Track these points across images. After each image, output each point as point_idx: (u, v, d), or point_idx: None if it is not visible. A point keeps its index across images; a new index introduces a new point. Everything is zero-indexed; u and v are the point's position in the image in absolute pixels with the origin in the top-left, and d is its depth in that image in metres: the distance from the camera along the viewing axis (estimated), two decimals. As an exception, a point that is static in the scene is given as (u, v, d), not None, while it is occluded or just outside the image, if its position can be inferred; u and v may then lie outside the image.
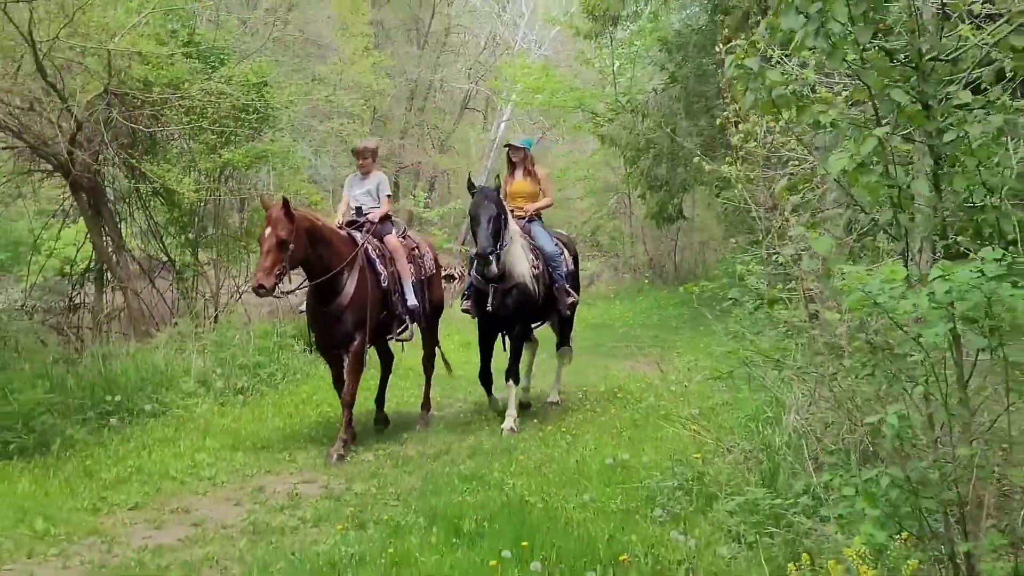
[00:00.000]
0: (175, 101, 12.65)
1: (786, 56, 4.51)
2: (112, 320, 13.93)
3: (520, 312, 9.82)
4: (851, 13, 3.93)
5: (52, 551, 6.23)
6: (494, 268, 9.37)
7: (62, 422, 9.07)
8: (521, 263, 9.63)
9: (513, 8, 46.10)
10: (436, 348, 10.93)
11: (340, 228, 9.48)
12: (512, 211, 10.10)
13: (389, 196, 10.08)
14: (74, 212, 14.38)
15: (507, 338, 10.18)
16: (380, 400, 10.45)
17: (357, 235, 9.41)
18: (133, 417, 10.05)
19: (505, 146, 11.29)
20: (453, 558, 5.81)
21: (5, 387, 9.34)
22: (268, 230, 8.22)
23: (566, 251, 10.73)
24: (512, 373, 9.95)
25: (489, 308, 9.63)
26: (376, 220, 9.71)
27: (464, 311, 10.40)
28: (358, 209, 9.88)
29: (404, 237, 10.10)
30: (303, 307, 9.72)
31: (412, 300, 9.58)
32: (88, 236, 13.68)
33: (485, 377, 10.16)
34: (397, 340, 10.14)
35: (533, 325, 10.74)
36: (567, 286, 10.31)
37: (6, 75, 12.17)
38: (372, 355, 10.78)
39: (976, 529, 3.93)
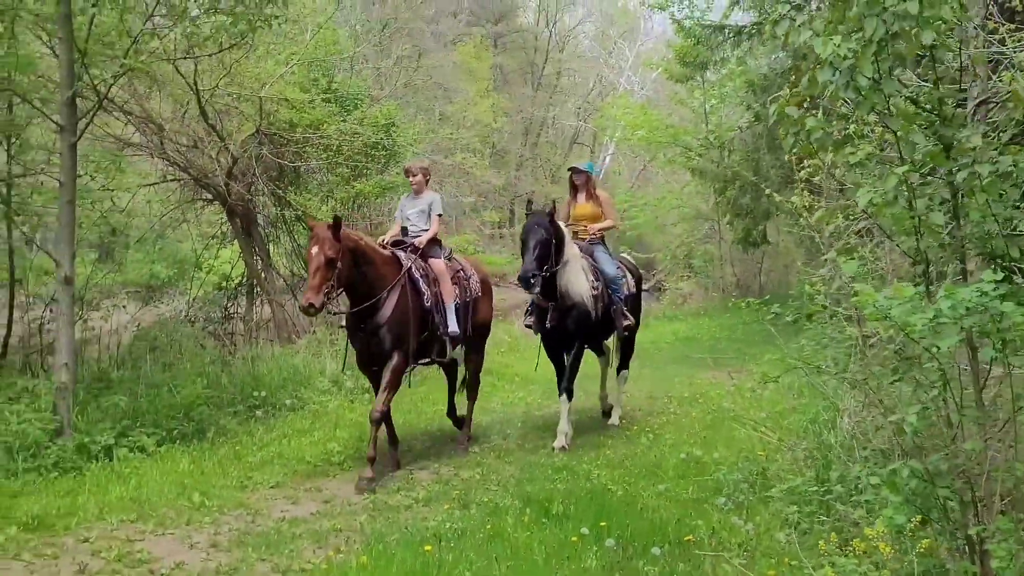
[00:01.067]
0: (315, 140, 13.17)
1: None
2: (260, 328, 14.37)
3: (578, 331, 9.18)
4: (879, 69, 4.14)
5: (206, 520, 6.62)
6: (536, 289, 8.76)
7: (217, 413, 9.45)
8: (580, 284, 9.06)
9: (618, 53, 46.33)
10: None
11: (385, 247, 8.70)
12: (576, 233, 9.76)
13: (441, 216, 9.12)
14: (230, 235, 14.89)
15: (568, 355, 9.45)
16: (451, 410, 9.68)
17: (402, 255, 8.63)
18: (275, 410, 10.36)
19: (569, 169, 10.63)
20: (541, 535, 6.06)
21: (171, 383, 9.75)
22: (315, 249, 7.59)
23: (629, 276, 10.16)
24: (566, 389, 9.27)
25: (548, 326, 9.11)
26: (423, 245, 8.80)
27: (527, 327, 9.81)
28: (404, 229, 9.07)
29: (450, 259, 9.20)
30: (344, 322, 9.08)
31: (453, 326, 8.70)
32: (241, 256, 14.27)
33: (565, 389, 9.26)
34: (435, 362, 9.24)
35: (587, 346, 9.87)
36: (624, 309, 9.67)
37: (175, 118, 12.85)
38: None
39: (990, 517, 4.06)
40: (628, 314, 9.72)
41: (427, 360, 9.06)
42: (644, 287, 31.56)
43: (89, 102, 9.25)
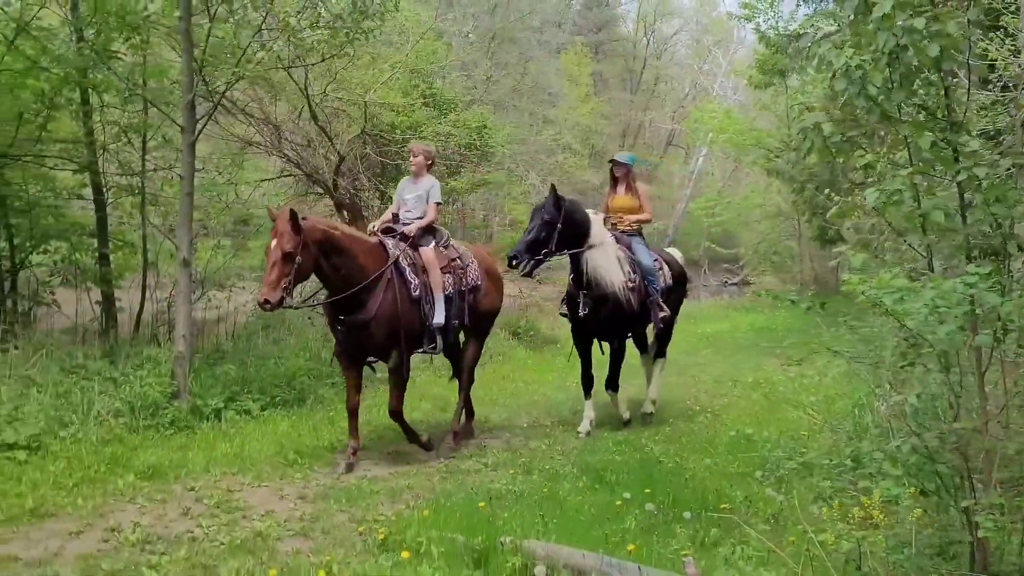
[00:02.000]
0: (415, 140, 13.51)
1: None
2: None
3: (611, 321, 8.68)
4: (890, 79, 4.23)
5: (297, 476, 7.01)
6: (523, 271, 8.30)
7: (316, 383, 9.82)
8: (612, 274, 8.52)
9: (712, 60, 45.86)
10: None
11: (374, 235, 7.90)
12: (613, 224, 9.20)
13: (439, 203, 8.18)
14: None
15: (602, 345, 9.08)
16: (468, 411, 8.82)
17: (389, 243, 7.73)
18: (368, 382, 10.49)
19: (609, 161, 9.89)
20: (592, 499, 6.28)
21: (277, 356, 10.22)
22: (273, 242, 6.80)
23: (667, 268, 9.53)
24: (612, 381, 8.98)
25: (580, 315, 8.62)
26: (413, 233, 7.88)
27: (562, 315, 9.29)
28: (395, 216, 8.18)
29: (446, 247, 8.21)
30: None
31: (439, 317, 7.75)
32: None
33: (585, 380, 8.98)
34: (423, 353, 8.30)
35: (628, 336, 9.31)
36: (660, 301, 9.04)
37: (291, 120, 13.37)
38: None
39: (987, 492, 4.13)
40: (664, 306, 9.12)
41: (421, 351, 8.07)
42: (734, 281, 31.52)
43: (209, 105, 9.72)
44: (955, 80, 4.47)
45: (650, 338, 9.93)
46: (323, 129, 12.69)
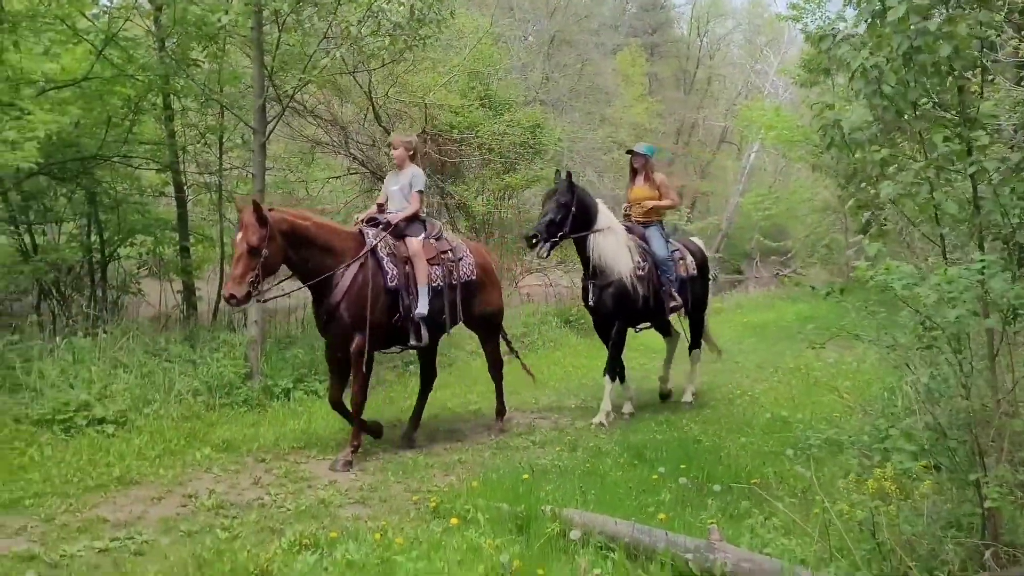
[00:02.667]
0: (471, 139, 13.74)
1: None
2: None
3: (618, 309, 8.42)
4: (905, 78, 4.31)
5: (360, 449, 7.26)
6: (540, 251, 8.27)
7: (378, 366, 9.95)
8: (621, 262, 8.31)
9: (764, 60, 45.38)
10: (507, 356, 8.58)
11: (357, 225, 7.48)
12: (627, 215, 9.09)
13: (420, 193, 7.62)
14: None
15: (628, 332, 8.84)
16: (415, 417, 7.98)
17: (369, 232, 7.29)
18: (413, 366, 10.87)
19: (627, 152, 9.61)
20: (631, 474, 6.40)
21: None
22: (239, 235, 6.46)
23: (689, 258, 9.22)
24: (609, 370, 8.62)
25: (590, 303, 8.52)
26: (396, 222, 7.40)
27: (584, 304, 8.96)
28: (379, 206, 7.76)
29: (438, 239, 7.71)
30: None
31: (422, 308, 7.25)
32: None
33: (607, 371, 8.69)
34: (410, 347, 7.67)
35: (641, 326, 9.09)
36: (673, 291, 8.75)
37: (356, 121, 13.67)
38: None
39: (996, 467, 4.20)
40: (676, 296, 8.77)
41: (402, 347, 7.68)
42: (785, 271, 31.23)
43: (280, 108, 10.01)
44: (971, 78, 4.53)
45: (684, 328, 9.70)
46: (386, 129, 12.96)
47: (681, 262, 9.06)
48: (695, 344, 9.69)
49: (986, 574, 3.84)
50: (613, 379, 8.63)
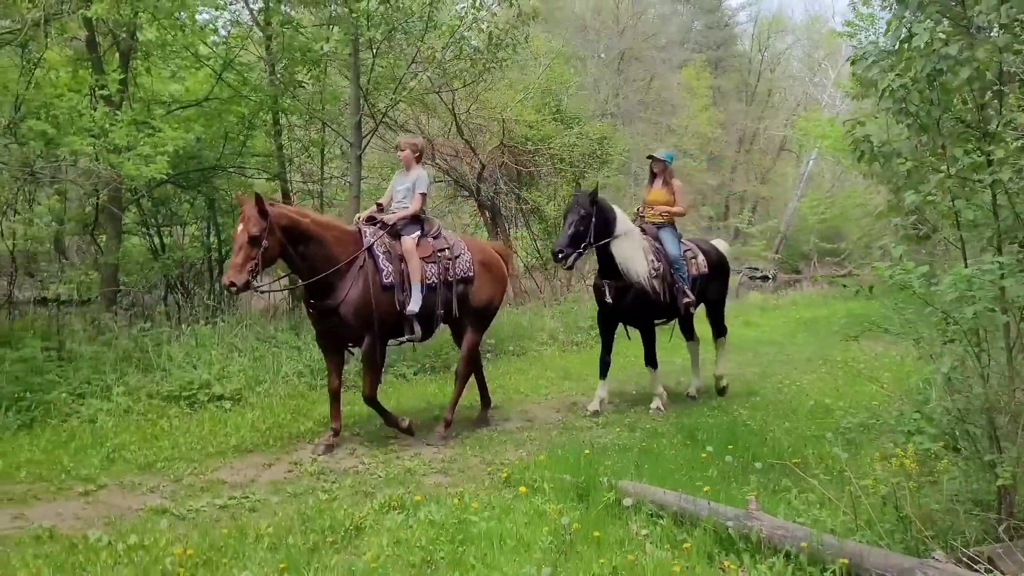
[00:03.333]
0: (544, 150, 13.95)
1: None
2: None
3: (637, 308, 8.28)
4: (929, 98, 4.42)
5: (440, 426, 7.47)
6: (568, 264, 8.14)
7: (458, 354, 10.32)
8: (638, 263, 8.14)
9: (822, 73, 44.58)
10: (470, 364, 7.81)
11: (358, 223, 7.21)
12: (641, 215, 8.85)
13: (423, 194, 7.31)
14: (480, 224, 15.80)
15: (628, 329, 8.79)
16: (484, 398, 8.02)
17: (368, 231, 7.01)
18: (502, 354, 11.17)
19: (648, 157, 9.43)
20: (683, 452, 6.53)
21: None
22: (240, 226, 6.27)
23: (701, 257, 8.97)
24: (649, 360, 8.52)
25: (608, 301, 8.31)
26: (392, 222, 7.11)
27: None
28: (378, 205, 7.42)
29: (435, 237, 7.36)
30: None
31: (414, 305, 6.92)
32: (489, 238, 15.20)
33: (603, 363, 8.55)
34: (403, 343, 7.47)
35: (658, 321, 8.78)
36: (685, 288, 8.54)
37: (441, 134, 14.02)
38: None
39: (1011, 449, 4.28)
40: (689, 292, 8.56)
41: (401, 340, 7.31)
42: (841, 272, 30.69)
43: (374, 124, 10.39)
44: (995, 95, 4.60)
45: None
46: (468, 142, 13.28)
47: (693, 261, 8.86)
48: (719, 333, 9.51)
49: (1000, 545, 3.92)
50: (655, 367, 8.57)
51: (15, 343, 8.05)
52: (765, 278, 29.98)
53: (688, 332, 9.46)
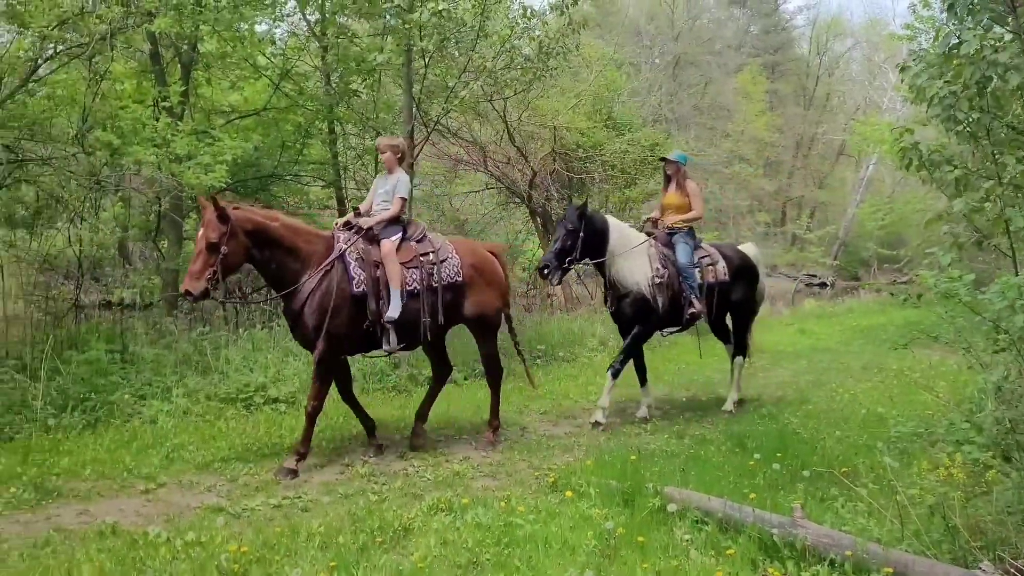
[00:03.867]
0: (596, 157, 14.00)
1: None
2: (551, 299, 15.34)
3: (636, 317, 8.05)
4: (978, 105, 4.40)
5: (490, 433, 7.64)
6: (554, 280, 8.08)
7: (508, 360, 10.31)
8: (636, 272, 7.95)
9: (882, 76, 43.84)
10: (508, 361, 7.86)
11: (336, 228, 6.84)
12: (653, 221, 8.57)
13: (403, 199, 6.94)
14: (532, 230, 15.98)
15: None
16: (422, 412, 7.32)
17: (342, 237, 6.66)
18: (553, 361, 11.22)
19: (660, 159, 9.15)
20: (730, 459, 6.52)
21: (479, 337, 10.99)
22: (200, 232, 5.99)
23: (720, 264, 8.58)
24: (614, 369, 8.11)
25: (609, 311, 8.31)
26: (367, 226, 6.72)
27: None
28: (355, 210, 7.03)
29: (419, 240, 6.96)
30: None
31: (393, 311, 6.52)
32: (540, 245, 15.37)
33: (636, 368, 8.43)
34: (384, 353, 6.94)
35: (670, 330, 8.57)
36: (693, 297, 8.19)
37: (492, 142, 14.16)
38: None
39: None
40: (696, 302, 8.21)
41: (375, 353, 7.01)
42: (902, 279, 30.06)
43: (425, 131, 10.57)
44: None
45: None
46: (519, 149, 13.41)
47: (710, 268, 8.50)
48: (738, 351, 9.10)
49: (1051, 558, 3.88)
50: (615, 377, 8.09)
51: (81, 346, 8.37)
52: (823, 285, 29.55)
53: (724, 335, 9.19)
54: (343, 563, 4.21)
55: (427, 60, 9.51)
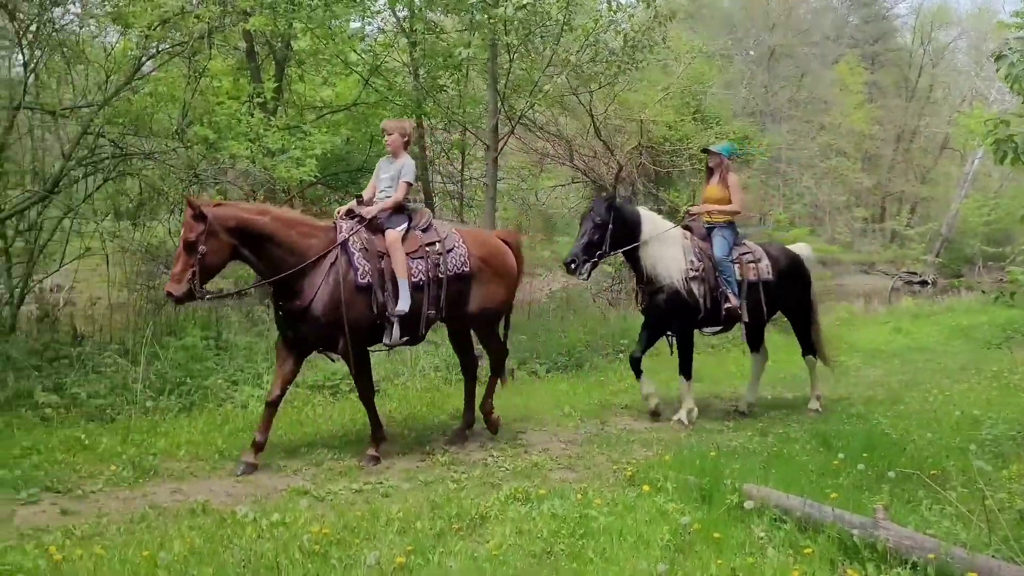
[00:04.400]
0: (683, 150, 13.86)
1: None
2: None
3: (671, 312, 7.80)
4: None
5: (570, 424, 7.71)
6: (582, 275, 7.77)
7: (591, 353, 10.41)
8: (672, 267, 7.71)
9: (990, 67, 42.01)
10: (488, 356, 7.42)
11: (338, 217, 6.50)
12: (691, 215, 8.39)
13: (408, 183, 6.60)
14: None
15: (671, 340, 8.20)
16: (469, 410, 7.21)
17: (344, 226, 6.33)
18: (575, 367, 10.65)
19: (702, 150, 8.97)
20: (814, 458, 6.38)
21: (562, 329, 11.01)
22: (182, 232, 5.79)
23: (764, 262, 8.23)
24: (683, 370, 7.99)
25: (640, 307, 8.09)
26: (371, 216, 6.37)
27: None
28: (358, 198, 6.68)
29: (425, 230, 6.62)
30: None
31: (402, 304, 6.23)
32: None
33: (634, 363, 8.05)
34: (387, 347, 6.65)
35: (712, 329, 8.38)
36: (729, 292, 7.89)
37: (578, 136, 14.16)
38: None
39: None
40: (732, 297, 7.88)
41: (389, 343, 6.54)
42: (1005, 277, 28.83)
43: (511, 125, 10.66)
44: None
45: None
46: (605, 143, 13.39)
47: (751, 265, 8.15)
48: (807, 350, 8.84)
49: None
50: (689, 378, 8.04)
51: (179, 333, 8.73)
52: (924, 283, 28.56)
53: (753, 342, 8.75)
54: (420, 548, 4.31)
55: (512, 55, 9.59)
